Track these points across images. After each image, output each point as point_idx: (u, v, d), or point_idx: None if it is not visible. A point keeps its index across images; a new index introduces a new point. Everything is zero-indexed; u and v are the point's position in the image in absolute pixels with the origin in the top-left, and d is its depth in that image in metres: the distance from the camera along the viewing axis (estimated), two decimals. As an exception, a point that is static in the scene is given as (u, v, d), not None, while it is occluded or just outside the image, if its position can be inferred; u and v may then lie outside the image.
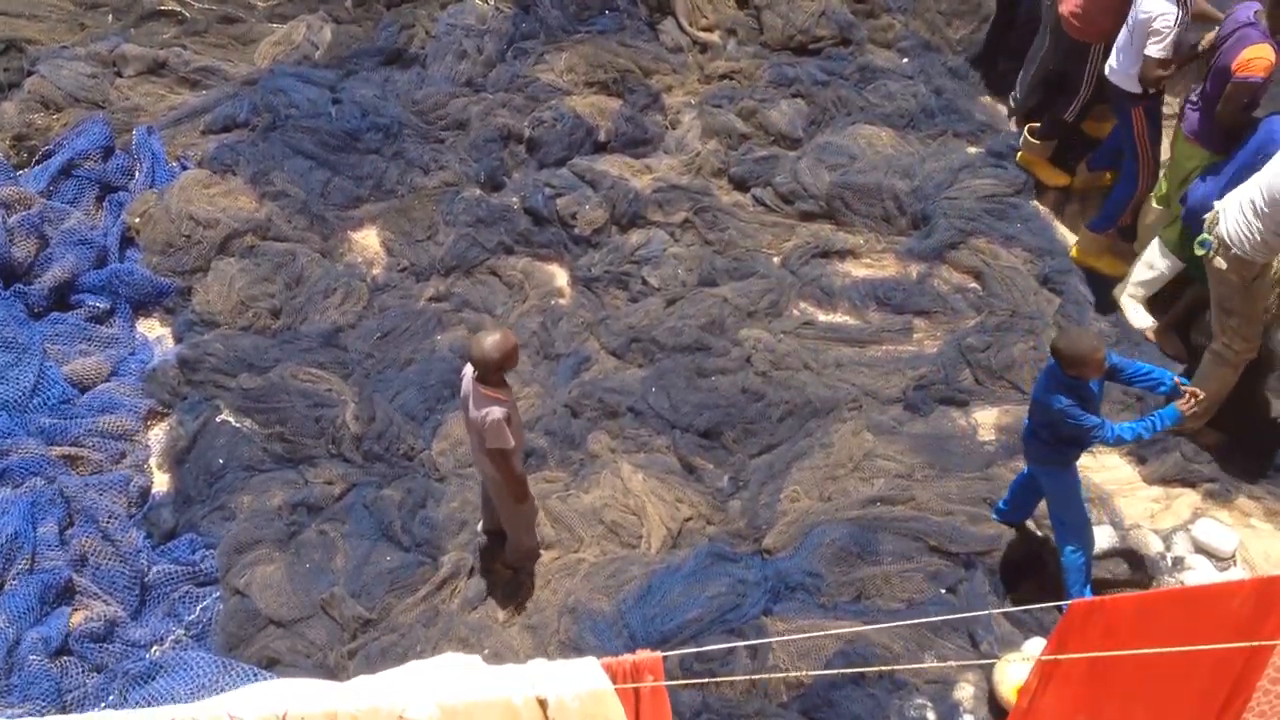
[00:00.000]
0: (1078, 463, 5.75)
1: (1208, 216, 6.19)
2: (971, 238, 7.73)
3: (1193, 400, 5.42)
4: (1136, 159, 7.20)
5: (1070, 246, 7.74)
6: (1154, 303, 7.34)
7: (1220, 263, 6.12)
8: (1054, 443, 5.58)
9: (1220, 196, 6.27)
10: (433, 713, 3.17)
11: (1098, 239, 7.56)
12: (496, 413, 5.30)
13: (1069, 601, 4.61)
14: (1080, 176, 8.05)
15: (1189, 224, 6.60)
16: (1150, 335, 7.18)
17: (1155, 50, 6.69)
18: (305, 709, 3.16)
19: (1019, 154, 8.16)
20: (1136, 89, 6.94)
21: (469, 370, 5.45)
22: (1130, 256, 7.49)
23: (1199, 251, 6.22)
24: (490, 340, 5.28)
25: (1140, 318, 7.30)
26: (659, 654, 3.43)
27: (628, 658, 3.40)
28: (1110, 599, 4.13)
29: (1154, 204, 7.32)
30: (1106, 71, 7.13)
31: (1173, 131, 7.17)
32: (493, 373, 5.32)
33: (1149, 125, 7.08)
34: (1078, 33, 7.45)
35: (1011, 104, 8.60)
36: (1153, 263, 7.19)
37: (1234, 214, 6.02)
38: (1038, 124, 8.07)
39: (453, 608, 6.10)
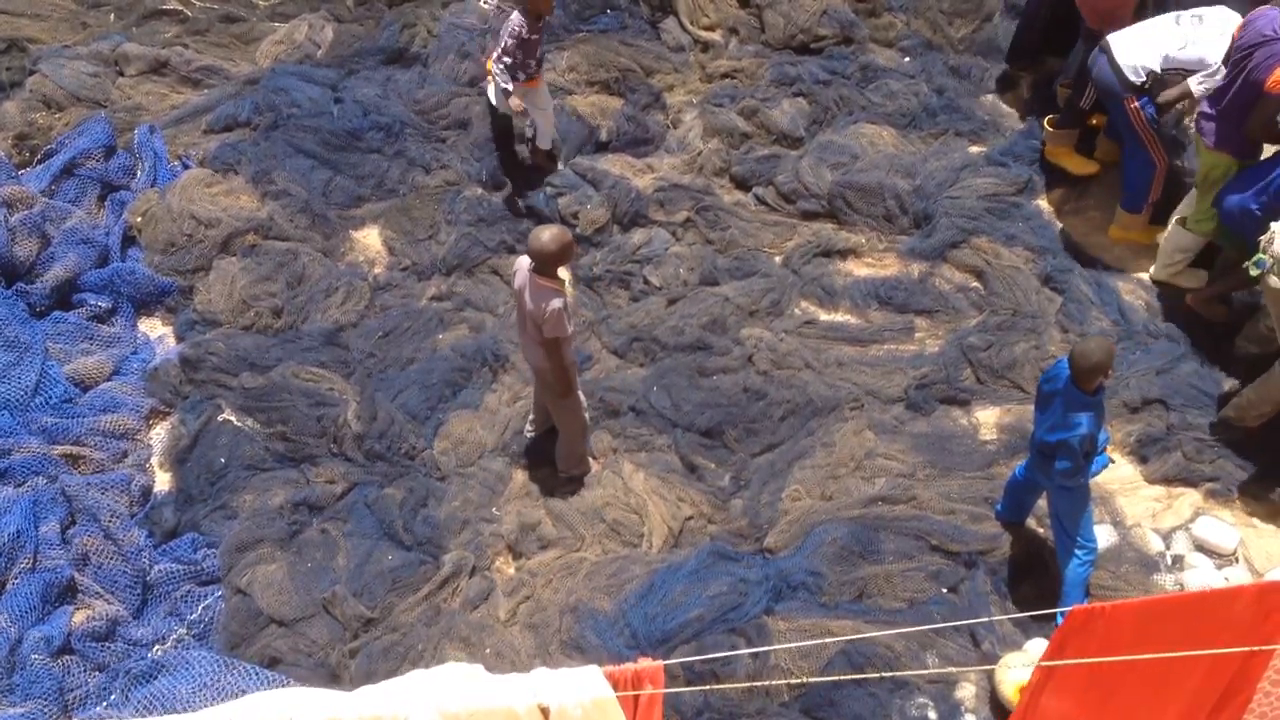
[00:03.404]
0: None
1: (1263, 238, 6.20)
2: (973, 237, 7.72)
3: None
4: (1144, 146, 7.26)
5: (1067, 246, 7.74)
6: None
7: (1275, 282, 6.15)
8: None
9: (1259, 200, 6.39)
10: (435, 721, 3.18)
11: (1135, 217, 7.63)
12: (556, 302, 5.73)
13: (1068, 608, 4.61)
14: (1101, 148, 8.10)
15: (1229, 225, 6.69)
16: (1190, 300, 7.12)
17: None
18: (307, 717, 3.16)
19: (1045, 148, 8.16)
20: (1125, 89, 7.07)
21: (525, 263, 5.83)
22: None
23: (1254, 273, 6.22)
24: (548, 234, 5.70)
25: (1190, 278, 7.32)
26: (660, 662, 3.43)
27: (629, 666, 3.40)
28: (1110, 605, 4.12)
29: (1174, 222, 7.33)
30: (1093, 72, 7.20)
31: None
32: (550, 265, 5.73)
33: (1144, 110, 7.12)
34: (1092, 21, 7.53)
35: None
36: (1180, 246, 7.25)
37: None
38: (1055, 116, 8.11)
39: (454, 607, 6.11)
